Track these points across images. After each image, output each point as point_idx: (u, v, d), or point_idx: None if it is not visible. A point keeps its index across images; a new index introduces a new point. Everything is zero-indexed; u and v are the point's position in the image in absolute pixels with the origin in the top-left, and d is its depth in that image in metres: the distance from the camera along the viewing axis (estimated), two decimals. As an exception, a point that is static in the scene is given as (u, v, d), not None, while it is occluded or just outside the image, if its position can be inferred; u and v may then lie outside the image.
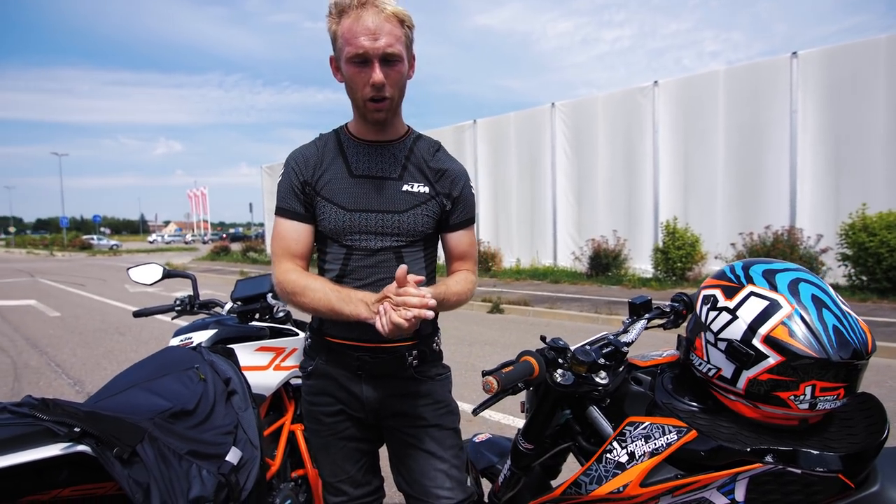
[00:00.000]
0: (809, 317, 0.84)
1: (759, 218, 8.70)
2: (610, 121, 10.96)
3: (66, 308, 8.90)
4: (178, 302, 1.94)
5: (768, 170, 8.94)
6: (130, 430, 1.01)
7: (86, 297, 10.54)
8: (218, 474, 1.13)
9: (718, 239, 9.24)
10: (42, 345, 5.97)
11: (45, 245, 41.83)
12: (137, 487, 0.97)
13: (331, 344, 1.23)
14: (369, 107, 1.14)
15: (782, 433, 0.89)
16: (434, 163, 1.24)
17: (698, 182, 9.82)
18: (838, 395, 0.84)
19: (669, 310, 1.31)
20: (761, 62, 9.25)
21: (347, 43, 1.08)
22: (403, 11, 1.10)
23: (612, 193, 11.01)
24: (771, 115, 8.87)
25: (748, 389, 0.88)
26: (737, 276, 0.95)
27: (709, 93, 9.60)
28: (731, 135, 9.36)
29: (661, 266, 9.50)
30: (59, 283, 13.31)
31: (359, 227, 1.18)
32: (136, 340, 6.02)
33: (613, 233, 10.56)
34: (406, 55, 1.13)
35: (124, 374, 1.37)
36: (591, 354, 1.02)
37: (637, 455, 0.95)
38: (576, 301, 8.04)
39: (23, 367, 4.98)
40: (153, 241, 62.13)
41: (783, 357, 0.84)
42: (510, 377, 0.92)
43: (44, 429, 0.91)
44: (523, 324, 6.90)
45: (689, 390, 1.02)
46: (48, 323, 7.45)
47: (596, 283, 10.01)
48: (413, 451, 1.24)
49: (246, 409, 1.37)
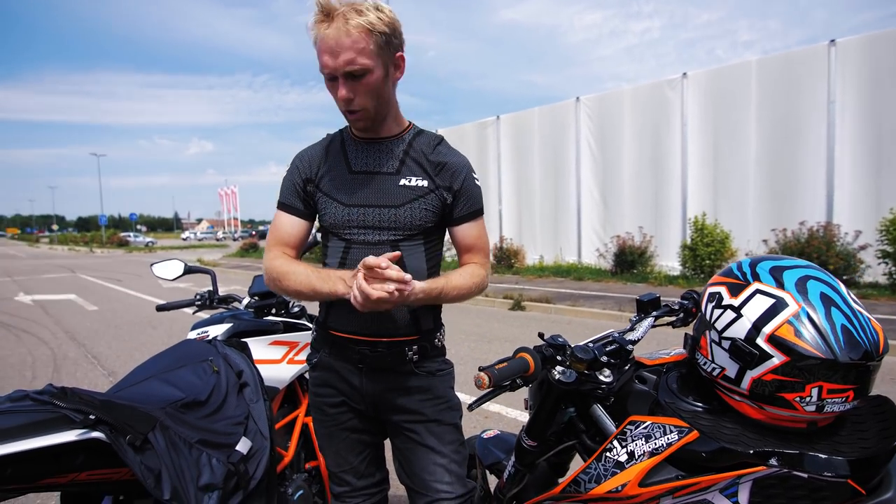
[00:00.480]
0: (817, 315, 0.81)
1: (793, 214, 8.38)
2: (637, 115, 10.73)
3: (104, 302, 9.28)
4: (198, 297, 2.00)
5: (803, 163, 8.60)
6: (142, 419, 1.05)
7: (122, 291, 10.97)
8: (227, 463, 1.17)
9: (750, 235, 8.95)
10: (80, 337, 6.25)
11: (86, 242, 43.65)
12: (149, 473, 1.01)
13: (334, 337, 1.26)
14: (348, 118, 1.19)
15: (789, 435, 0.86)
16: (434, 156, 1.24)
17: (729, 177, 9.53)
18: (847, 397, 0.80)
19: (678, 307, 1.28)
20: (796, 51, 8.90)
21: (318, 58, 1.10)
22: (370, 20, 1.06)
23: (638, 189, 10.78)
24: (807, 106, 8.52)
25: (752, 390, 0.86)
26: (743, 273, 0.92)
27: (741, 84, 9.28)
28: (763, 127, 9.04)
29: (689, 263, 9.26)
30: (98, 279, 13.88)
31: (357, 222, 1.21)
32: (167, 334, 6.24)
33: (639, 229, 10.35)
34: (378, 62, 1.10)
35: (144, 365, 1.43)
36: (590, 352, 1.01)
37: (636, 454, 0.93)
38: (599, 299, 7.92)
39: (62, 359, 5.22)
40: (186, 238, 64.13)
41: (788, 357, 0.81)
42: (503, 373, 0.91)
43: (61, 416, 0.96)
44: (545, 321, 6.85)
45: (695, 390, 1.00)
46: (87, 316, 7.79)
47: (621, 280, 9.83)
48: (413, 446, 1.25)
49: (257, 400, 1.41)
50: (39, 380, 4.48)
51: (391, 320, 1.21)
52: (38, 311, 8.41)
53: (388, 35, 1.10)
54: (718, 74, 9.73)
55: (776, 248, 8.09)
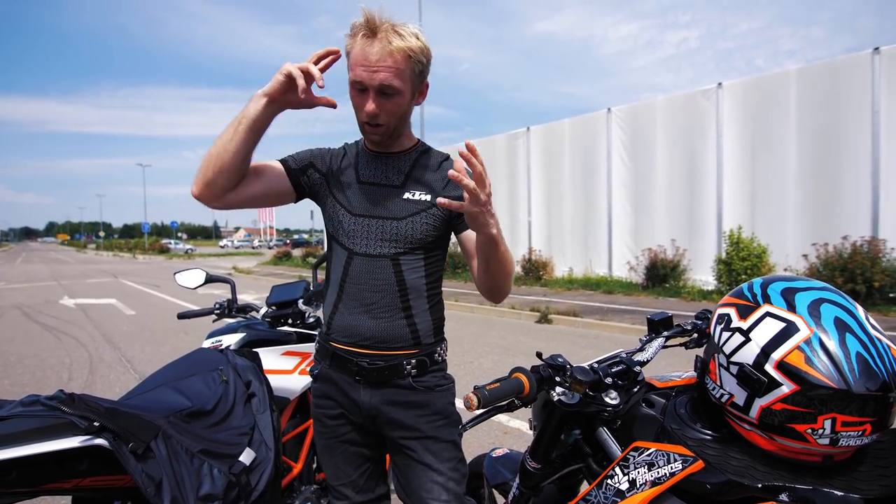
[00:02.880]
0: (830, 342, 0.76)
1: (835, 228, 7.98)
2: (670, 125, 10.50)
3: (141, 307, 9.65)
4: (217, 305, 2.05)
5: (846, 175, 8.21)
6: (146, 427, 1.07)
7: (159, 297, 11.38)
8: (229, 474, 1.18)
9: (788, 250, 8.58)
10: (116, 341, 6.50)
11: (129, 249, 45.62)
12: (150, 481, 1.03)
13: (334, 349, 1.26)
14: (366, 129, 1.21)
15: (803, 469, 0.81)
16: (439, 172, 1.27)
17: (766, 189, 9.18)
18: (864, 430, 0.75)
19: (692, 328, 1.22)
20: (838, 60, 8.55)
21: (351, 67, 1.14)
22: (412, 47, 1.12)
23: (670, 201, 10.52)
24: (850, 116, 8.15)
25: (761, 419, 0.81)
26: (753, 295, 0.87)
27: (779, 94, 8.97)
28: (803, 138, 8.70)
29: (724, 278, 8.93)
30: (138, 284, 14.46)
31: (360, 232, 1.23)
32: (198, 340, 6.38)
33: (672, 242, 10.07)
34: (409, 87, 1.16)
35: (158, 372, 1.46)
36: (590, 373, 0.97)
37: (638, 483, 0.89)
38: (629, 313, 7.72)
39: (98, 361, 5.44)
40: (224, 245, 66.26)
41: (798, 386, 0.76)
42: (494, 394, 0.88)
43: (67, 422, 0.99)
44: (571, 335, 6.71)
45: (704, 416, 0.95)
46: (124, 320, 8.11)
47: (652, 294, 9.57)
48: (411, 463, 1.24)
49: (264, 411, 1.42)
50: (75, 381, 4.67)
51: (390, 331, 1.21)
52: (80, 314, 8.80)
53: (423, 65, 1.16)
54: (756, 84, 9.44)
55: (816, 263, 7.72)
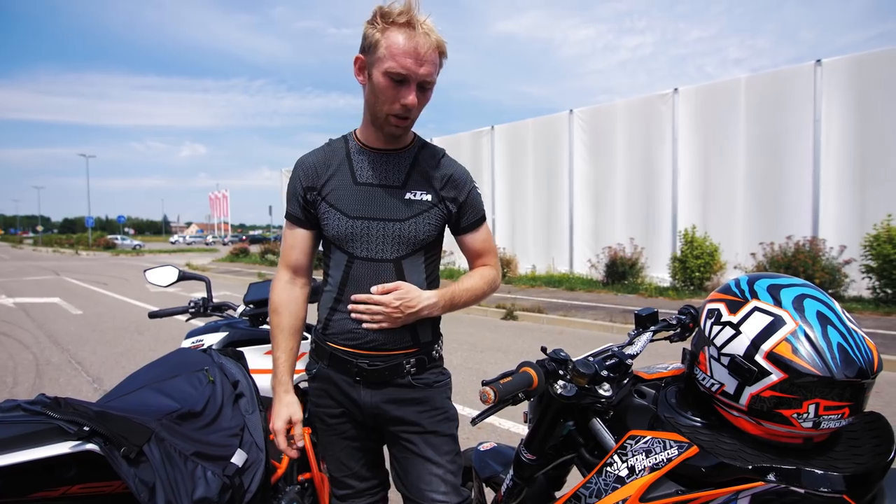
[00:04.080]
0: (814, 334, 0.83)
1: (780, 228, 8.52)
2: (629, 128, 10.87)
3: (89, 306, 9.13)
4: (192, 304, 1.98)
5: (790, 179, 8.77)
6: (138, 430, 1.04)
7: (108, 295, 10.80)
8: (223, 476, 1.15)
9: (738, 249, 9.08)
10: (64, 342, 6.13)
11: (71, 244, 43.01)
12: (143, 487, 0.99)
13: (331, 349, 1.26)
14: (392, 121, 1.17)
15: (786, 451, 0.88)
16: (439, 170, 1.26)
17: (718, 190, 9.67)
18: (843, 413, 0.82)
19: (676, 322, 1.29)
20: (784, 70, 9.10)
21: (392, 57, 1.09)
22: (444, 43, 1.14)
23: (629, 201, 10.90)
24: (794, 123, 8.70)
25: (751, 406, 0.87)
26: (741, 291, 0.94)
27: (730, 100, 9.47)
28: (752, 143, 9.21)
29: (679, 275, 9.36)
30: (83, 282, 13.67)
31: (360, 235, 1.21)
32: (154, 340, 6.15)
33: (630, 241, 10.44)
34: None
35: (137, 373, 1.40)
36: (592, 366, 1.01)
37: (637, 469, 0.94)
38: (591, 309, 7.96)
39: (44, 364, 5.12)
40: (175, 241, 63.47)
41: (786, 374, 0.82)
42: (508, 388, 0.92)
43: (55, 427, 0.94)
44: (537, 331, 6.86)
45: (693, 405, 1.01)
46: (70, 320, 7.65)
47: (612, 291, 9.89)
48: (410, 456, 1.26)
49: (253, 411, 1.39)
50: (21, 386, 4.38)
51: (390, 334, 1.21)
52: (20, 314, 8.25)
53: (444, 60, 1.17)
54: (709, 90, 9.91)
55: (763, 261, 8.20)
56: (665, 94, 10.31)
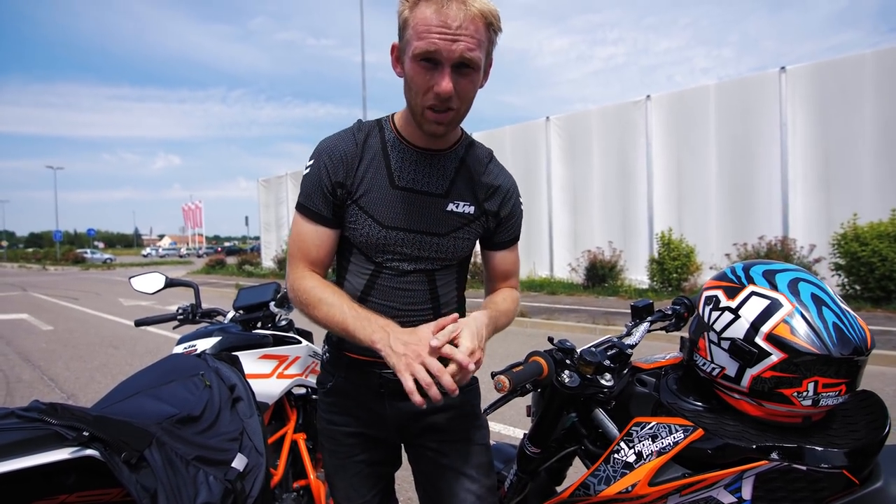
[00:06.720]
0: (810, 314, 0.86)
1: (752, 229, 8.79)
2: (604, 134, 11.10)
3: (59, 322, 8.81)
4: (180, 311, 1.94)
5: (760, 181, 9.07)
6: (138, 435, 1.01)
7: (79, 310, 10.45)
8: (224, 480, 1.13)
9: (713, 249, 9.32)
10: (34, 358, 5.90)
11: (38, 259, 41.49)
12: (145, 493, 0.97)
13: (351, 360, 1.13)
14: (428, 116, 0.96)
15: (786, 431, 0.91)
16: (485, 177, 1.11)
17: (692, 194, 9.93)
18: (840, 391, 0.85)
19: (671, 313, 1.32)
20: (751, 77, 9.45)
21: (418, 36, 0.89)
22: (493, 11, 0.91)
23: (606, 205, 11.10)
24: (761, 128, 9.02)
25: (752, 387, 0.90)
26: (738, 277, 0.97)
27: (700, 107, 9.76)
28: (722, 147, 9.51)
29: (657, 277, 9.55)
30: (52, 297, 13.19)
31: (394, 246, 1.06)
32: (130, 354, 5.97)
33: (609, 244, 10.62)
34: (482, 63, 0.94)
35: (129, 381, 1.36)
36: (597, 355, 1.03)
37: (645, 454, 0.96)
38: (573, 312, 8.05)
39: (15, 382, 4.92)
40: (147, 254, 61.93)
41: (786, 354, 0.85)
42: (520, 377, 0.93)
43: (52, 433, 0.91)
44: (521, 335, 6.90)
45: (694, 390, 1.04)
46: (41, 337, 7.37)
47: (593, 294, 10.03)
48: (441, 470, 1.14)
49: (251, 415, 1.37)
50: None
51: None
52: (-13, 332, 7.92)
53: (497, 34, 0.95)
54: (680, 97, 10.21)
55: (738, 261, 8.43)
56: (638, 101, 10.57)
